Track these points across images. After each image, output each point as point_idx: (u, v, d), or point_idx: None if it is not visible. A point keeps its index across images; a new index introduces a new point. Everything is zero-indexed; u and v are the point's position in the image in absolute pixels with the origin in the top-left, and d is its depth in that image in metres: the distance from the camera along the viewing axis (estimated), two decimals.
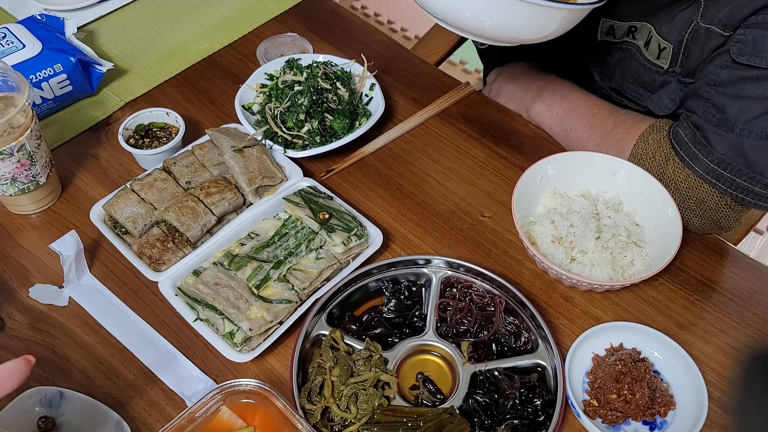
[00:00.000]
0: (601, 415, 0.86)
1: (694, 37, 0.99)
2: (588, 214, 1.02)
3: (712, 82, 0.95)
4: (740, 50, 0.91)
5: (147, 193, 1.02)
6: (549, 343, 0.89)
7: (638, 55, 1.08)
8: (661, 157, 1.01)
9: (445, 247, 1.05)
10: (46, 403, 0.84)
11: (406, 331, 0.93)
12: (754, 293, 1.00)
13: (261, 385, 0.79)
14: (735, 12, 0.92)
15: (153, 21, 1.40)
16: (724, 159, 0.95)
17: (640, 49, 1.08)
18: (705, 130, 0.96)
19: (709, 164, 0.96)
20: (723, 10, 0.94)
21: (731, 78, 0.93)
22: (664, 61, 1.04)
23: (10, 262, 1.01)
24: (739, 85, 0.92)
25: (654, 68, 1.07)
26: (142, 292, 0.98)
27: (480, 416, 0.84)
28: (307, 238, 0.99)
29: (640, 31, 1.06)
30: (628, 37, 1.08)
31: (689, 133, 0.98)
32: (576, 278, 0.92)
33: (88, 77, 1.22)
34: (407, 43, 1.53)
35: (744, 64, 0.91)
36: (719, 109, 0.94)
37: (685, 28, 1.00)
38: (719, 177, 0.96)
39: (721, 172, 0.95)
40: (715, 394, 0.89)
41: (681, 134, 0.99)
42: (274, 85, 1.16)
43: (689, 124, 0.98)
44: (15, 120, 0.95)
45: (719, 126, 0.94)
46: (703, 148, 0.96)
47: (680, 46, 1.01)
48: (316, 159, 1.14)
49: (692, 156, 0.97)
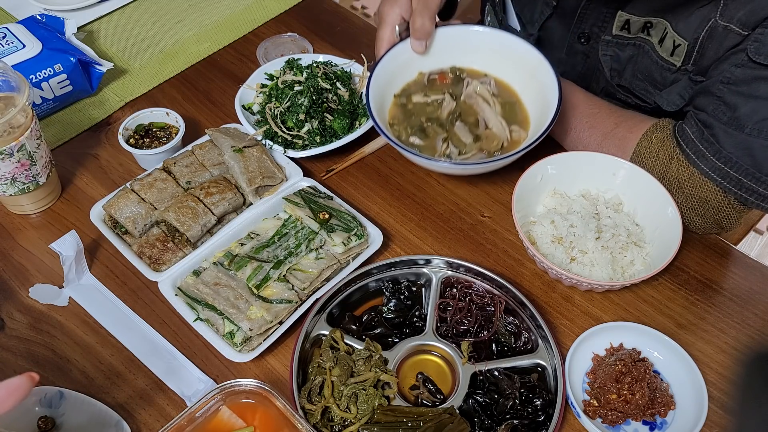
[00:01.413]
0: (601, 415, 0.86)
1: (711, 34, 0.99)
2: (588, 214, 1.02)
3: (725, 80, 0.95)
4: (757, 50, 0.91)
5: (147, 193, 1.02)
6: (549, 343, 0.89)
7: (651, 52, 1.08)
8: (665, 155, 1.01)
9: (445, 247, 1.05)
10: (46, 403, 0.84)
11: (406, 331, 0.93)
12: (754, 293, 1.00)
13: (261, 385, 0.79)
14: (755, 11, 0.93)
15: (153, 21, 1.40)
16: (732, 158, 0.94)
17: (653, 46, 1.07)
18: (714, 128, 0.96)
19: (716, 162, 0.96)
20: (743, 9, 0.94)
21: (746, 77, 0.93)
22: (678, 59, 1.04)
23: (10, 262, 1.01)
24: (753, 84, 0.92)
25: (666, 65, 1.07)
26: (142, 292, 0.98)
27: (480, 416, 0.84)
28: (307, 238, 0.99)
29: (655, 27, 1.06)
30: (642, 33, 1.08)
31: (697, 130, 0.98)
32: (576, 278, 0.92)
33: (88, 77, 1.22)
34: None
35: (760, 64, 0.91)
36: (730, 108, 0.94)
37: (702, 26, 1.00)
38: (725, 176, 0.96)
39: (727, 170, 0.95)
40: (715, 394, 0.89)
41: (688, 132, 0.99)
42: (274, 85, 1.16)
43: (697, 121, 0.98)
44: (15, 120, 0.95)
45: (729, 124, 0.94)
46: (711, 146, 0.96)
47: (695, 43, 1.01)
48: (316, 159, 1.14)
49: (699, 154, 0.97)
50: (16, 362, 0.90)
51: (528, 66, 1.05)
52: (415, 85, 1.11)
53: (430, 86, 1.10)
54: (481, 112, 1.05)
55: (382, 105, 1.07)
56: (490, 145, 1.02)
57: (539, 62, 1.03)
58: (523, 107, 1.07)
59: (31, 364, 0.90)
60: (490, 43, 1.09)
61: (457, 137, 1.03)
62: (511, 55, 1.07)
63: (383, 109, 1.07)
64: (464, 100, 1.08)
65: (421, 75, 1.11)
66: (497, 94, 1.08)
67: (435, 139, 1.04)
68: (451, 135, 1.04)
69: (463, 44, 1.10)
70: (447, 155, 1.02)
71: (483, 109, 1.05)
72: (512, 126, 1.04)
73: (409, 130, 1.05)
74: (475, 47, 1.10)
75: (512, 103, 1.08)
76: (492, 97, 1.07)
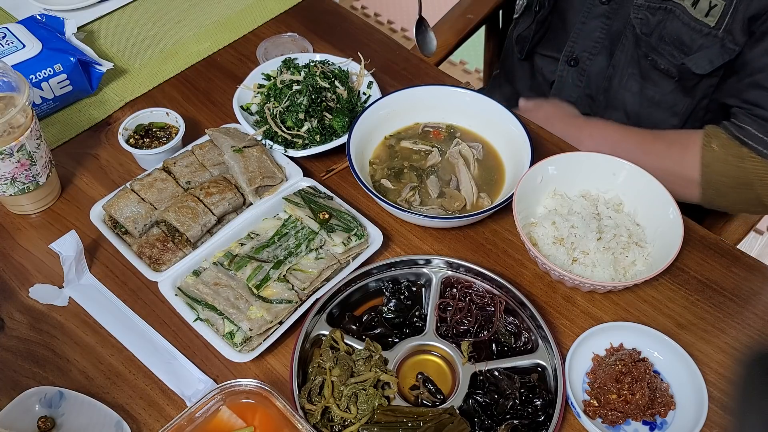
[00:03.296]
0: (601, 415, 0.86)
1: None
2: (588, 214, 1.02)
3: None
4: None
5: (147, 193, 1.02)
6: (549, 343, 0.89)
7: (683, 14, 1.09)
8: (734, 157, 1.03)
9: (445, 247, 1.05)
10: (46, 403, 0.84)
11: (406, 331, 0.93)
12: (754, 293, 1.00)
13: (261, 385, 0.79)
14: None
15: (153, 21, 1.40)
16: None
17: (685, 9, 1.09)
18: None
19: None
20: None
21: None
22: (712, 19, 1.05)
23: (10, 262, 1.01)
24: None
25: (699, 26, 1.08)
26: (142, 292, 0.98)
27: (480, 416, 0.84)
28: (307, 238, 0.99)
29: None
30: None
31: (759, 126, 1.00)
32: (579, 279, 0.92)
33: (88, 77, 1.22)
34: (407, 43, 1.53)
35: None
36: None
37: None
38: None
39: None
40: (715, 394, 0.89)
41: (750, 130, 1.01)
42: (272, 85, 1.16)
43: (754, 118, 1.00)
44: (15, 120, 0.95)
45: None
46: None
47: (731, 2, 1.03)
48: (316, 159, 1.14)
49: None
50: (16, 362, 0.90)
51: (515, 144, 1.09)
52: (409, 132, 1.17)
53: (423, 137, 1.16)
54: (457, 173, 1.10)
55: (369, 141, 1.13)
56: (451, 205, 1.06)
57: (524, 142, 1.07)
58: (503, 179, 1.11)
59: (31, 364, 0.90)
60: (490, 114, 1.13)
61: (426, 190, 1.08)
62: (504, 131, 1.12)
63: (369, 145, 1.13)
64: (448, 157, 1.13)
65: (417, 124, 1.17)
66: (481, 159, 1.13)
67: (405, 185, 1.09)
68: (421, 186, 1.09)
69: (466, 107, 1.15)
70: (408, 202, 1.07)
71: (460, 170, 1.10)
72: (482, 193, 1.08)
73: (386, 171, 1.10)
74: (476, 112, 1.15)
75: (493, 172, 1.12)
76: (475, 161, 1.12)
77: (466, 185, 1.08)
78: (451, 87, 1.16)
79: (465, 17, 1.55)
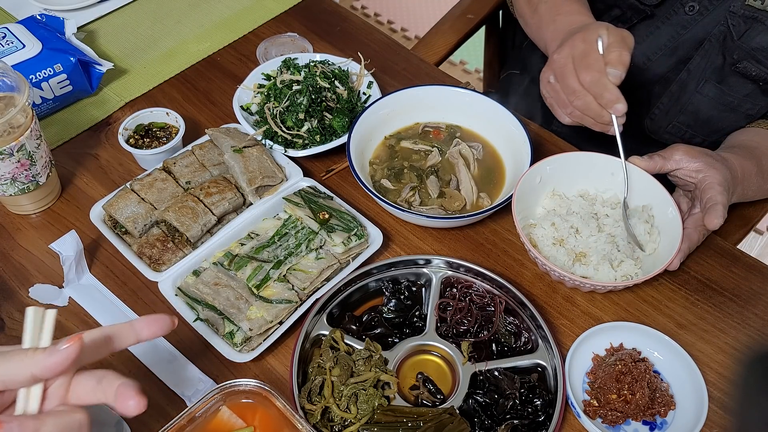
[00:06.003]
0: (601, 415, 0.86)
1: None
2: (587, 214, 1.02)
3: None
4: None
5: (147, 193, 1.02)
6: (549, 343, 0.89)
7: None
8: None
9: (445, 247, 1.05)
10: None
11: (406, 331, 0.93)
12: (754, 293, 1.00)
13: (261, 385, 0.79)
14: None
15: (153, 21, 1.40)
16: None
17: None
18: None
19: None
20: None
21: None
22: None
23: (10, 262, 1.01)
24: None
25: None
26: (142, 292, 0.98)
27: (480, 416, 0.84)
28: (307, 238, 0.99)
29: None
30: None
31: None
32: (579, 280, 0.92)
33: (88, 77, 1.22)
34: (407, 43, 1.53)
35: None
36: None
37: None
38: None
39: None
40: (715, 394, 0.89)
41: None
42: (272, 85, 1.16)
43: None
44: (15, 120, 0.95)
45: None
46: None
47: None
48: (316, 159, 1.14)
49: None
50: None
51: (515, 144, 1.09)
52: (409, 132, 1.17)
53: (423, 137, 1.16)
54: (457, 173, 1.10)
55: (369, 141, 1.13)
56: (451, 205, 1.06)
57: (523, 142, 1.07)
58: (503, 179, 1.11)
59: None
60: (490, 114, 1.14)
61: (426, 190, 1.08)
62: (504, 131, 1.12)
63: (369, 145, 1.13)
64: (448, 157, 1.13)
65: (417, 124, 1.17)
66: (481, 159, 1.13)
67: (405, 185, 1.09)
68: (421, 186, 1.09)
69: (466, 107, 1.16)
70: (408, 202, 1.07)
71: (460, 170, 1.10)
72: (482, 193, 1.08)
73: (386, 171, 1.10)
74: (476, 112, 1.15)
75: (493, 172, 1.12)
76: (475, 161, 1.12)
77: (466, 185, 1.08)
78: (451, 87, 1.16)
79: (465, 17, 1.55)
